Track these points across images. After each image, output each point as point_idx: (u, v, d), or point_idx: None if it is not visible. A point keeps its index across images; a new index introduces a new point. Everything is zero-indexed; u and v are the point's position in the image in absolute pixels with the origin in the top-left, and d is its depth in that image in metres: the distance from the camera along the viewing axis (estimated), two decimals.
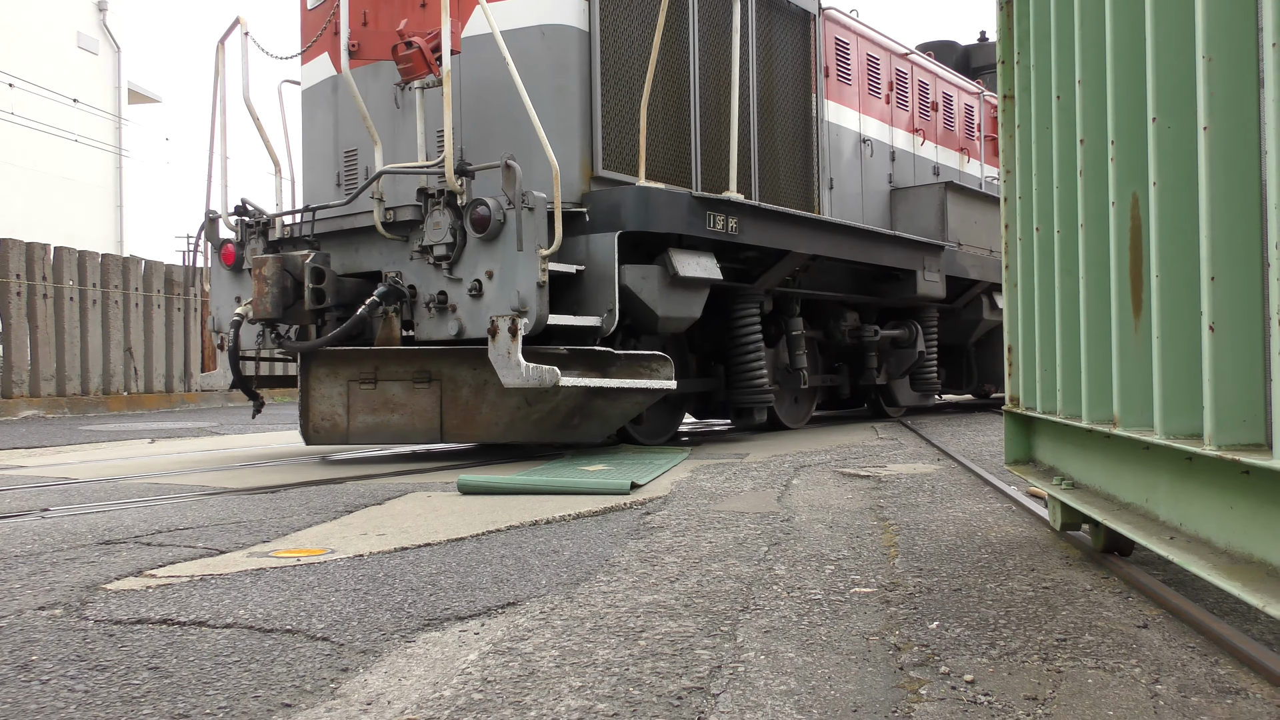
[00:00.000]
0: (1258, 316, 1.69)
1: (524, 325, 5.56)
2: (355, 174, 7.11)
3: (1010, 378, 3.40)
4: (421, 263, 6.03)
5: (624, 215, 6.13)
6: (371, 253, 6.33)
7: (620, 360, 6.06)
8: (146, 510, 4.20)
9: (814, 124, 8.67)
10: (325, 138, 7.29)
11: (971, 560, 2.88)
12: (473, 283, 5.81)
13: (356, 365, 6.24)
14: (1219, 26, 1.71)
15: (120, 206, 28.33)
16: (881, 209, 9.93)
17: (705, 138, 7.22)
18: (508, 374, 5.53)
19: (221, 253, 6.94)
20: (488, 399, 6.03)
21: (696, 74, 7.14)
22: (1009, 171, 3.34)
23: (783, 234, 7.47)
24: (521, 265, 5.66)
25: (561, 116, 6.22)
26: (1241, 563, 1.75)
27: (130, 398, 15.93)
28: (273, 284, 6.02)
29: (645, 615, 2.33)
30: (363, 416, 6.25)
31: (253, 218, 6.80)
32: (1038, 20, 2.96)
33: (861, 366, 9.74)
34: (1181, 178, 1.94)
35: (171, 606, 2.45)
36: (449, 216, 5.84)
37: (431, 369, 6.10)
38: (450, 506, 4.21)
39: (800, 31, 8.52)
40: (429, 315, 5.99)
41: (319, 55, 7.18)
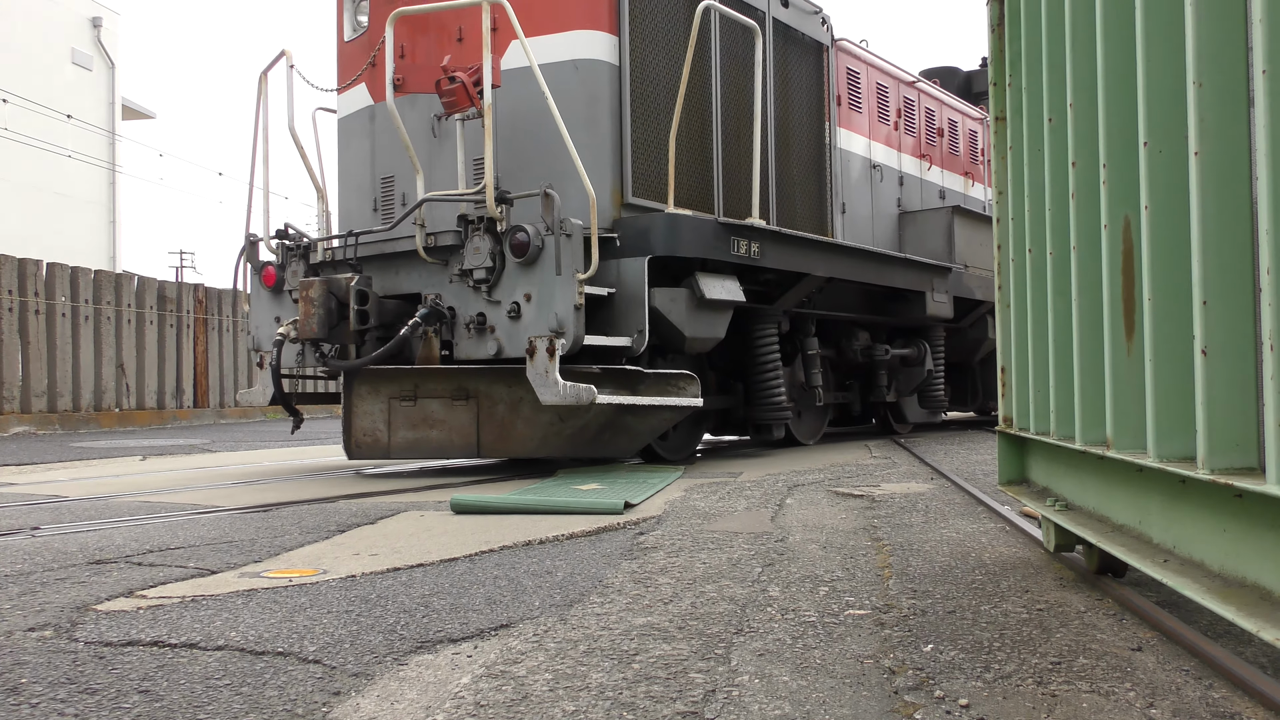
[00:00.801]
0: (1250, 341, 1.70)
1: (561, 345, 5.82)
2: (392, 200, 7.34)
3: (1004, 398, 3.40)
4: (461, 285, 6.28)
5: (653, 240, 6.43)
6: (411, 275, 6.58)
7: (649, 379, 6.33)
8: (138, 529, 4.18)
9: (827, 150, 9.01)
10: (362, 164, 7.53)
11: (966, 581, 2.88)
12: (511, 305, 6.08)
13: (397, 383, 6.54)
14: (1209, 52, 1.72)
15: (114, 222, 28.33)
16: (891, 232, 10.25)
17: (726, 165, 7.50)
18: (546, 392, 5.79)
19: (262, 274, 7.21)
20: (522, 415, 6.31)
21: (718, 104, 7.44)
22: (1001, 193, 3.36)
23: (801, 257, 7.78)
24: (559, 288, 5.93)
25: (593, 146, 6.51)
26: (1235, 586, 1.75)
27: (122, 414, 15.88)
28: (319, 305, 6.27)
29: (639, 637, 2.32)
30: (403, 432, 6.56)
31: (294, 241, 7.05)
32: (1029, 43, 2.98)
33: (872, 384, 10.03)
34: (1173, 201, 1.95)
35: (163, 628, 2.43)
36: (489, 242, 6.11)
37: (469, 387, 6.40)
38: (443, 526, 4.20)
39: (814, 62, 8.88)
40: (468, 335, 6.24)
41: (357, 86, 7.46)
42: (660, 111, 6.96)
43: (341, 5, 7.75)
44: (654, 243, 6.43)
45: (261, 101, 7.29)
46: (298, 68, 7.14)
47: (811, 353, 8.70)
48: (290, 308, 6.97)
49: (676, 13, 7.17)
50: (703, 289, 6.67)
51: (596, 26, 6.62)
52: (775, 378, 7.88)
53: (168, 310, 17.20)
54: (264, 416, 19.50)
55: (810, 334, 8.75)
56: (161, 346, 17.02)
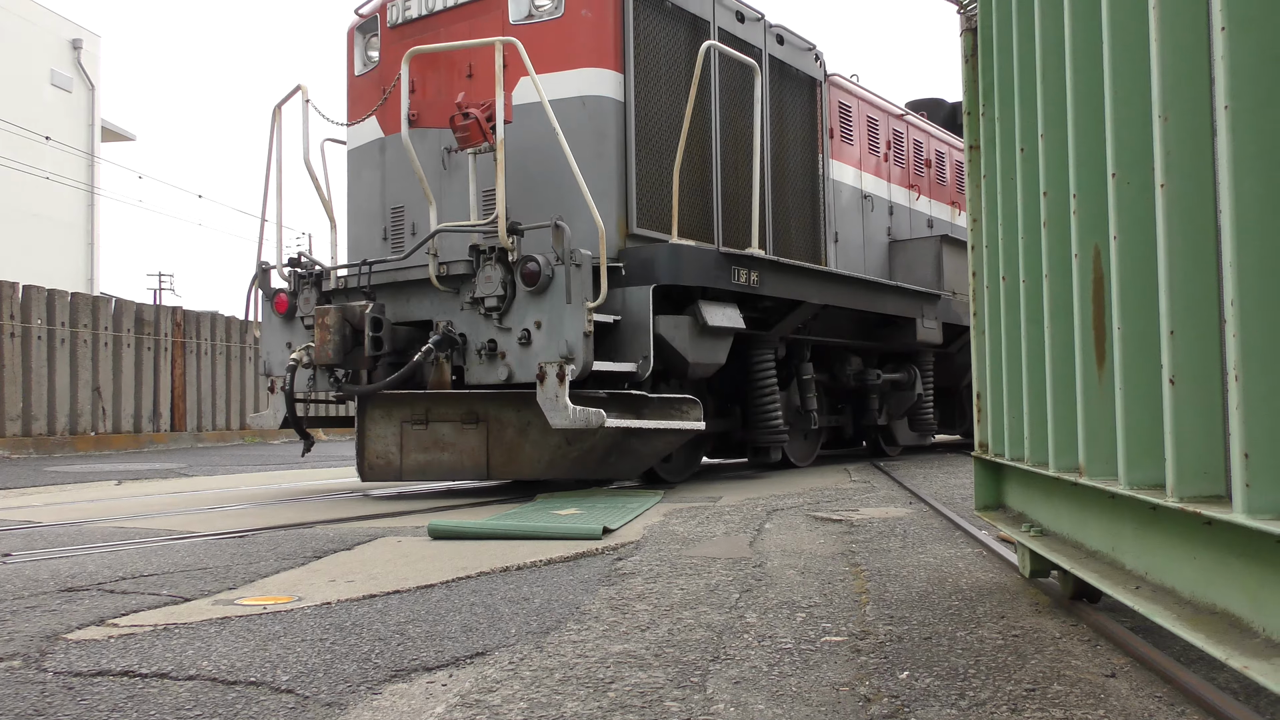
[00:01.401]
0: (1217, 370, 1.72)
1: (571, 371, 6.02)
2: (402, 229, 7.57)
3: (979, 424, 3.43)
4: (472, 313, 6.47)
5: (657, 269, 6.63)
6: (423, 303, 6.77)
7: (654, 403, 6.53)
8: (111, 555, 4.13)
9: (820, 182, 9.30)
10: (372, 194, 7.77)
11: (942, 607, 2.89)
12: (522, 332, 6.26)
13: (409, 407, 6.77)
14: (1174, 86, 1.75)
15: (92, 244, 28.16)
16: (881, 260, 10.52)
17: (725, 196, 7.74)
18: (556, 416, 5.98)
19: (274, 301, 7.39)
20: (530, 438, 6.51)
21: (718, 138, 7.68)
22: (976, 220, 3.39)
23: (798, 285, 8.05)
24: (569, 316, 6.13)
25: (600, 179, 6.70)
26: (1205, 613, 1.77)
27: (98, 438, 15.73)
28: (334, 332, 6.48)
29: (615, 665, 2.31)
30: (415, 455, 6.77)
31: (306, 269, 7.23)
32: (1001, 75, 3.02)
33: (864, 408, 10.28)
34: (1141, 232, 1.97)
35: (133, 657, 2.41)
36: (500, 271, 6.30)
37: (479, 411, 6.62)
38: (421, 552, 4.18)
39: (808, 97, 9.18)
40: (479, 361, 6.41)
41: (367, 118, 7.68)
42: (663, 145, 7.18)
43: (352, 40, 7.97)
44: (658, 272, 6.62)
45: (275, 134, 7.47)
46: (313, 102, 7.37)
47: (807, 377, 8.95)
48: (302, 334, 7.16)
49: (678, 50, 7.43)
50: (705, 316, 6.87)
51: (603, 64, 6.87)
52: (773, 402, 8.09)
53: (145, 333, 17.09)
54: (242, 440, 19.37)
55: (805, 359, 9.00)
56: (139, 370, 16.90)
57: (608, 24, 6.87)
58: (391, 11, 7.61)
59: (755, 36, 8.30)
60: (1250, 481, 1.49)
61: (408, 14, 7.51)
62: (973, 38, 3.33)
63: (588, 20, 6.84)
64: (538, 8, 6.98)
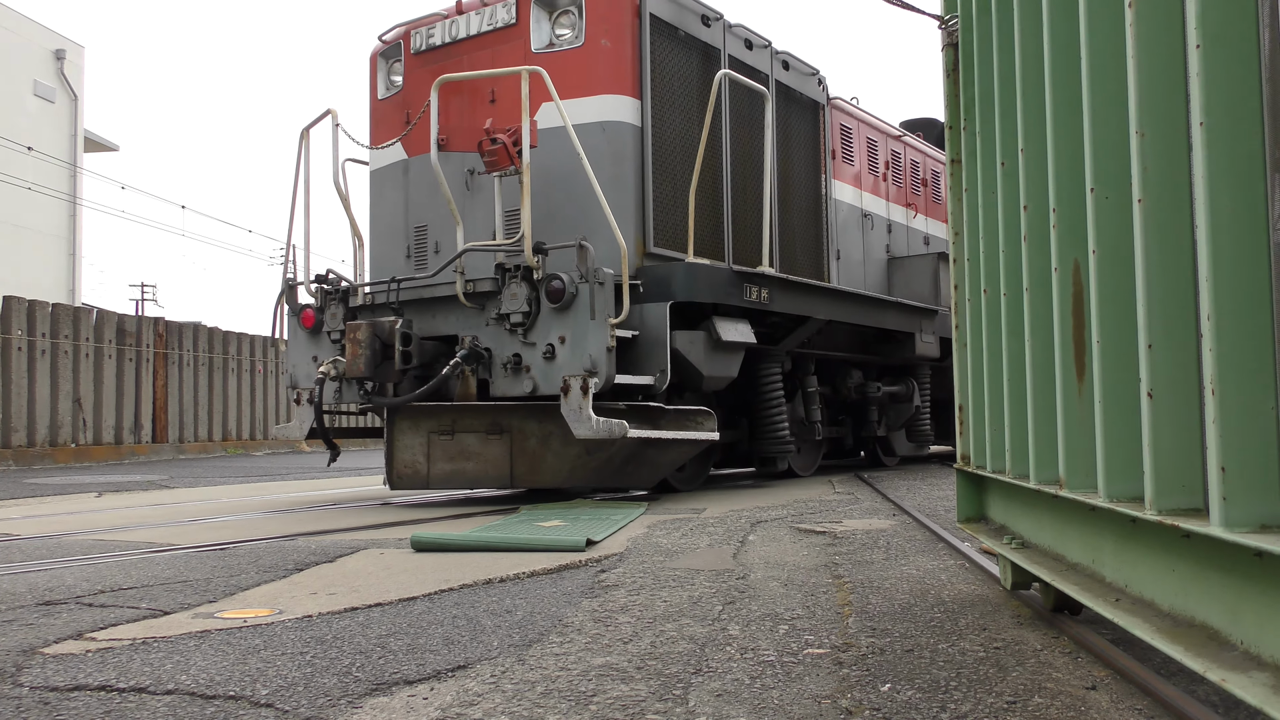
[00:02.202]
0: (1195, 384, 1.73)
1: (594, 384, 6.28)
2: (425, 248, 7.83)
3: (961, 436, 3.44)
4: (497, 328, 6.71)
5: (674, 287, 6.90)
6: (449, 319, 7.02)
7: (670, 414, 6.84)
8: (90, 568, 4.10)
9: (823, 201, 9.66)
10: (395, 214, 8.05)
11: (924, 619, 2.89)
12: (546, 346, 6.51)
13: (436, 418, 7.01)
14: (1151, 103, 1.77)
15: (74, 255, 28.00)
16: (880, 276, 10.91)
17: (735, 216, 8.06)
18: (580, 426, 6.24)
19: (301, 317, 7.63)
20: (552, 448, 6.75)
21: (728, 160, 7.98)
22: (958, 234, 3.41)
23: (805, 302, 8.40)
24: (593, 332, 6.38)
25: (619, 200, 6.96)
26: (1184, 626, 1.78)
27: (78, 449, 15.62)
28: (365, 346, 6.72)
29: (597, 678, 2.30)
30: (441, 464, 7.01)
31: (332, 285, 7.49)
32: (982, 89, 3.05)
33: (863, 419, 10.63)
34: (1120, 246, 1.99)
35: (111, 672, 2.39)
36: (525, 288, 6.56)
37: (503, 422, 6.86)
38: (404, 564, 4.16)
39: (811, 120, 9.54)
40: (505, 374, 6.66)
41: (391, 140, 7.96)
42: (677, 167, 7.51)
43: (375, 66, 8.27)
44: (675, 289, 6.88)
45: (303, 155, 7.71)
46: (343, 126, 7.65)
47: (811, 390, 9.27)
48: (328, 348, 7.43)
49: (691, 77, 7.78)
50: (720, 332, 7.16)
51: (622, 91, 7.17)
52: (780, 414, 8.36)
53: (127, 344, 16.99)
54: (224, 452, 19.26)
55: (810, 372, 9.30)
56: (120, 381, 16.79)
57: (626, 53, 7.19)
58: (415, 38, 7.91)
59: (763, 63, 8.66)
60: (1227, 495, 1.50)
61: (431, 41, 7.81)
62: (954, 53, 3.35)
63: (607, 50, 7.15)
64: (558, 37, 7.29)
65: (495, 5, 7.46)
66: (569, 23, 7.26)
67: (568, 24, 7.26)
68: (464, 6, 7.67)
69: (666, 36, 7.52)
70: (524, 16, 7.33)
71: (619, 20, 7.18)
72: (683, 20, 7.70)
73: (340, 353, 7.23)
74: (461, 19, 7.63)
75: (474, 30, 7.55)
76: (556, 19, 7.32)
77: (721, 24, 8.13)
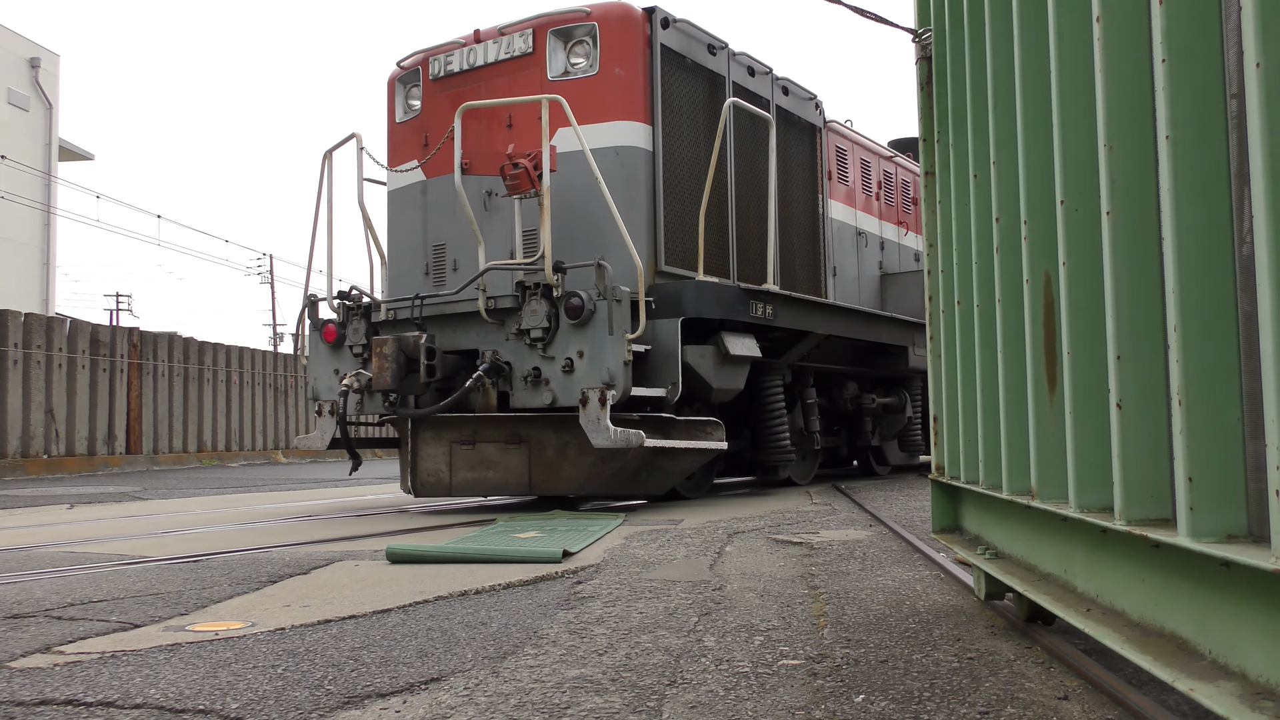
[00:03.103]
0: (1163, 395, 1.75)
1: (612, 396, 6.55)
2: (443, 266, 8.10)
3: (936, 447, 3.45)
4: (517, 343, 6.98)
5: (684, 303, 7.23)
6: (469, 334, 7.29)
7: (681, 424, 7.14)
8: (59, 581, 4.05)
9: (820, 220, 10.04)
10: (414, 233, 8.32)
11: (899, 630, 2.90)
12: (565, 360, 6.79)
13: (457, 429, 7.25)
14: (1119, 116, 1.79)
15: (48, 264, 27.75)
16: (874, 292, 11.28)
17: (739, 235, 8.41)
18: (598, 436, 6.51)
19: (323, 331, 7.87)
20: (568, 457, 7.01)
21: (733, 182, 8.35)
22: (932, 245, 3.43)
23: (806, 317, 8.76)
24: (611, 346, 6.67)
25: (632, 221, 7.25)
26: (1154, 635, 1.79)
27: (50, 461, 15.45)
28: (391, 360, 6.97)
29: (571, 690, 2.29)
30: (463, 472, 7.25)
31: (354, 301, 7.74)
32: (955, 102, 3.07)
33: (858, 430, 10.90)
34: (1090, 258, 2.01)
35: (79, 686, 2.36)
36: (545, 305, 6.84)
37: (521, 432, 7.12)
38: (378, 576, 4.13)
39: (809, 142, 9.93)
40: (525, 387, 6.93)
41: (410, 161, 8.29)
42: (686, 190, 7.86)
43: (393, 90, 8.59)
44: (686, 306, 7.21)
45: (326, 177, 8.03)
46: (367, 149, 7.99)
47: (811, 401, 9.59)
48: (349, 361, 7.68)
49: (698, 103, 8.15)
50: (728, 346, 7.48)
51: (634, 118, 7.52)
52: (782, 424, 8.66)
53: (101, 354, 16.84)
54: (199, 463, 19.10)
55: (809, 384, 9.61)
56: (93, 391, 16.63)
57: (638, 81, 7.54)
58: (434, 65, 8.20)
59: (764, 89, 9.01)
60: (1194, 505, 1.52)
61: (449, 68, 8.11)
62: (927, 66, 3.38)
63: (620, 78, 7.51)
64: (573, 65, 7.62)
65: (513, 35, 7.79)
66: (584, 52, 7.61)
67: (582, 53, 7.61)
68: (482, 35, 7.99)
69: (675, 65, 7.88)
70: (541, 46, 7.67)
71: (632, 50, 7.53)
72: (690, 49, 8.06)
73: (362, 366, 7.51)
74: (479, 47, 7.95)
75: (492, 58, 7.88)
76: (572, 48, 7.66)
77: (726, 52, 8.48)
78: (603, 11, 7.54)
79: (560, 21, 7.65)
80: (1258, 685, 1.43)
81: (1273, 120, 1.28)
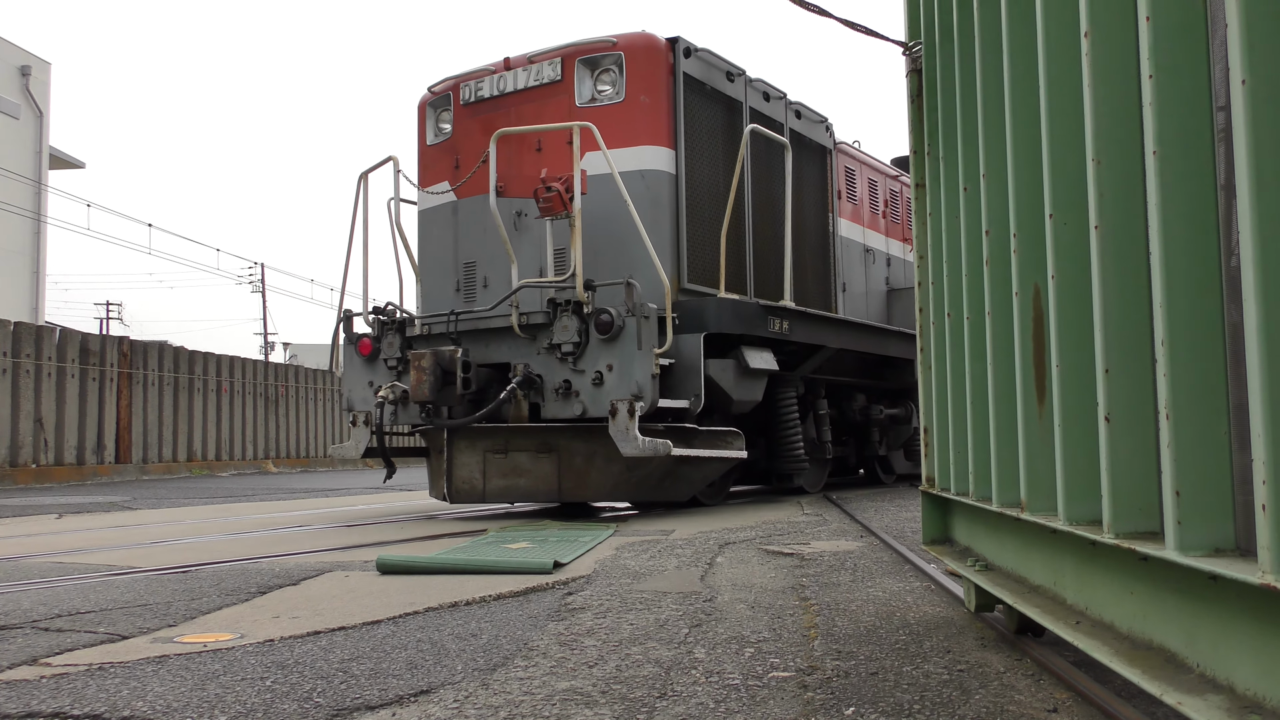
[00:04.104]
0: (1151, 408, 1.75)
1: (640, 407, 6.89)
2: (473, 282, 8.47)
3: (926, 459, 3.46)
4: (548, 357, 7.31)
5: (707, 319, 7.59)
6: (501, 348, 7.63)
7: (703, 434, 7.48)
8: (47, 592, 4.03)
9: (830, 238, 10.48)
10: (445, 251, 8.69)
11: (889, 642, 2.90)
12: (595, 373, 7.12)
13: (490, 438, 7.55)
14: (1107, 130, 1.80)
15: (38, 273, 27.65)
16: (881, 307, 11.68)
17: (756, 253, 8.82)
18: (627, 445, 6.84)
19: (358, 345, 8.22)
20: (596, 465, 7.33)
21: (749, 203, 8.75)
22: (923, 257, 3.44)
23: (820, 332, 9.17)
24: (639, 360, 7.02)
25: (657, 240, 7.61)
26: (1143, 649, 1.79)
27: (39, 470, 15.38)
28: (429, 373, 7.26)
29: (561, 703, 2.29)
30: (496, 480, 7.56)
31: (388, 316, 8.09)
32: (945, 115, 3.08)
33: (866, 439, 11.31)
34: (1078, 271, 2.01)
35: (65, 698, 2.35)
36: (576, 321, 7.18)
37: (552, 442, 7.41)
38: (368, 587, 4.12)
39: (820, 164, 10.34)
40: (556, 398, 7.26)
41: (440, 182, 8.70)
42: (706, 210, 8.24)
43: (423, 114, 8.98)
44: (708, 321, 7.57)
45: (362, 197, 8.35)
46: (404, 172, 8.41)
47: (823, 413, 9.98)
48: (384, 374, 8.04)
49: (717, 128, 8.54)
50: (748, 360, 7.83)
51: (658, 142, 7.91)
52: (797, 434, 8.99)
53: (90, 363, 16.78)
54: (189, 473, 19.03)
55: (821, 396, 9.99)
56: (83, 401, 16.57)
57: (662, 108, 7.95)
58: (464, 91, 8.60)
59: (779, 113, 9.43)
60: (1182, 519, 1.52)
61: (480, 94, 8.50)
62: (917, 79, 3.40)
63: (645, 105, 7.90)
64: (600, 92, 8.02)
65: (542, 63, 8.17)
66: (610, 80, 8.00)
67: (609, 81, 8.01)
68: (512, 63, 8.37)
69: (696, 92, 8.27)
70: (569, 74, 8.05)
71: (656, 78, 7.94)
72: (710, 77, 8.46)
73: (397, 378, 7.90)
74: (509, 74, 8.35)
75: (521, 85, 8.27)
76: (598, 76, 8.04)
77: (743, 79, 8.85)
78: (628, 41, 7.93)
79: (588, 51, 8.01)
80: (1245, 698, 1.44)
81: (1258, 135, 1.29)
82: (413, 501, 10.28)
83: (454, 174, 8.52)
